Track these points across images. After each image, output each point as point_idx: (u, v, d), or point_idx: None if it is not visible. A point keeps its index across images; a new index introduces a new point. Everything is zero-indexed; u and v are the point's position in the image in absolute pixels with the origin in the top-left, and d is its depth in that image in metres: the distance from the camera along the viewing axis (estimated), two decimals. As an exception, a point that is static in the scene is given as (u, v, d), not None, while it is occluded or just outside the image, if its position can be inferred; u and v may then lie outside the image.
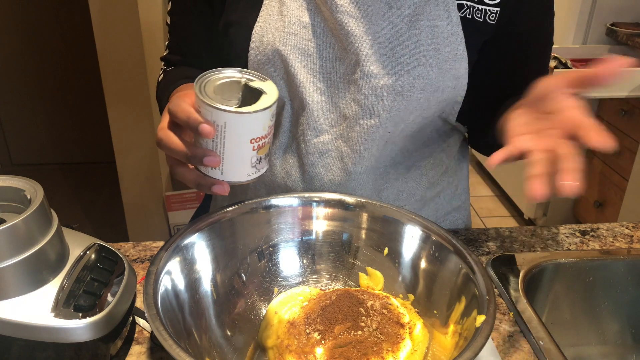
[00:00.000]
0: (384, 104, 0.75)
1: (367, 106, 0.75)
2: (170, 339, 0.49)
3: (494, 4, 0.76)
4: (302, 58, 0.75)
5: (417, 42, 0.74)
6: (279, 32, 0.74)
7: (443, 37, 0.74)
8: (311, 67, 0.75)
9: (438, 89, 0.76)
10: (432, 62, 0.74)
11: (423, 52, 0.74)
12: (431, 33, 0.74)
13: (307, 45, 0.75)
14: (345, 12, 0.72)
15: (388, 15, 0.73)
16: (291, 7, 0.74)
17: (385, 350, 0.59)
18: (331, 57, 0.75)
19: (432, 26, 0.74)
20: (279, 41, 0.74)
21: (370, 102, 0.75)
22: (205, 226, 0.66)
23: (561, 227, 0.95)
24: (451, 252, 0.64)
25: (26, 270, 0.53)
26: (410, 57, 0.74)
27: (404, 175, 0.84)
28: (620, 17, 2.32)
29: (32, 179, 0.59)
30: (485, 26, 0.76)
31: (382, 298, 0.67)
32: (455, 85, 0.77)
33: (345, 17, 0.72)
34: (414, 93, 0.75)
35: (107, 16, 1.87)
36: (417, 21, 0.73)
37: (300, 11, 0.74)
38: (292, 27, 0.74)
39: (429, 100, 0.76)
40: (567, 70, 0.59)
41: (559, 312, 0.86)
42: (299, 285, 0.71)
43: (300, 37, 0.74)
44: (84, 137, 3.08)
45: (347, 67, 0.75)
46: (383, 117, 0.76)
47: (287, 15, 0.74)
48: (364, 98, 0.74)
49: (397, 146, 0.82)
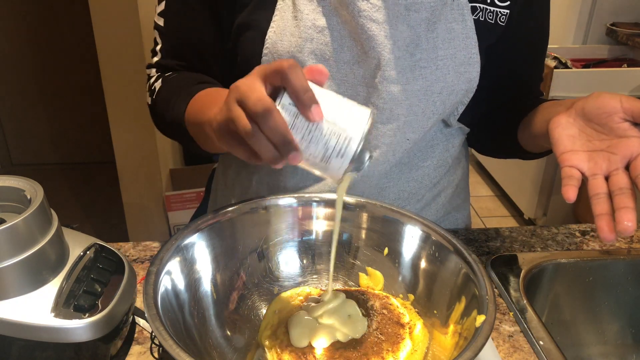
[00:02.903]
0: (402, 108, 0.75)
1: (385, 110, 0.75)
2: (170, 339, 0.49)
3: (504, 5, 0.76)
4: (319, 63, 0.73)
5: (434, 45, 0.74)
6: (295, 37, 0.73)
7: (459, 41, 0.74)
8: (328, 71, 0.74)
9: (453, 92, 0.76)
10: (449, 65, 0.74)
11: (441, 56, 0.74)
12: (448, 37, 0.74)
13: (323, 49, 0.73)
14: (367, 16, 0.70)
15: (406, 19, 0.72)
16: (305, 11, 0.72)
17: (385, 350, 0.59)
18: (349, 60, 0.74)
19: (448, 30, 0.74)
20: (295, 47, 0.73)
21: (389, 106, 0.74)
22: (205, 226, 0.66)
23: (561, 227, 0.95)
24: (451, 252, 0.64)
25: (26, 270, 0.53)
26: (428, 62, 0.74)
27: (406, 176, 0.84)
28: (620, 17, 2.32)
29: (32, 179, 0.59)
30: (496, 28, 0.77)
31: (382, 298, 0.67)
32: (467, 89, 0.77)
33: (367, 21, 0.71)
34: (432, 97, 0.75)
35: (107, 16, 1.87)
36: (435, 25, 0.73)
37: (315, 15, 0.73)
38: (308, 32, 0.73)
39: (444, 104, 0.77)
40: (632, 98, 0.61)
41: (559, 312, 0.86)
42: (299, 285, 0.71)
43: (316, 41, 0.73)
44: (84, 137, 3.08)
45: (365, 71, 0.74)
46: (401, 121, 0.76)
47: (302, 20, 0.73)
48: (383, 102, 0.74)
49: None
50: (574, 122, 0.63)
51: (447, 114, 0.81)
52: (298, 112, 0.50)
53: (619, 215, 0.53)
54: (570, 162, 0.60)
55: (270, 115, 0.49)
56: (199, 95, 0.71)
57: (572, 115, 0.63)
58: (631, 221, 0.52)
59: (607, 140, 0.60)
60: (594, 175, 0.58)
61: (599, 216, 0.55)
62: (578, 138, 0.62)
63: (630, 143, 0.58)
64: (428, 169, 0.85)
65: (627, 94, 2.01)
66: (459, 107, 0.81)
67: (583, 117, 0.63)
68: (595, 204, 0.56)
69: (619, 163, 0.58)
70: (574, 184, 0.58)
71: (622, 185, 0.56)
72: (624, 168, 0.57)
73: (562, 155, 0.61)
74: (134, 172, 2.13)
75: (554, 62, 2.07)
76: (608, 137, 0.60)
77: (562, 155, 0.61)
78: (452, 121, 0.83)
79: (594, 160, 0.59)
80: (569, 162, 0.60)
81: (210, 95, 0.70)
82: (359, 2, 0.70)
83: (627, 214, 0.53)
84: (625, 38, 2.21)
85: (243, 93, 0.50)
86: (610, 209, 0.55)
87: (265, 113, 0.48)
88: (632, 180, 0.56)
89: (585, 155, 0.60)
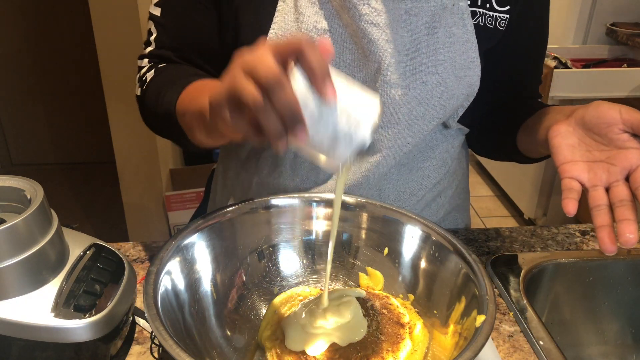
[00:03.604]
0: (403, 113, 0.75)
1: (385, 114, 0.75)
2: (170, 339, 0.49)
3: (504, 10, 0.76)
4: None
5: (434, 50, 0.74)
6: None
7: (459, 45, 0.74)
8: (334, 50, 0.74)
9: (453, 96, 0.76)
10: (449, 70, 0.75)
11: (441, 61, 0.74)
12: (448, 41, 0.74)
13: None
14: (368, 20, 0.71)
15: (407, 23, 0.72)
16: (307, 13, 0.72)
17: (385, 350, 0.59)
18: (349, 64, 0.74)
19: (448, 34, 0.74)
20: None
21: (390, 110, 0.74)
22: (205, 226, 0.66)
23: (561, 227, 0.95)
24: (451, 252, 0.64)
25: (26, 270, 0.53)
26: (428, 66, 0.74)
27: (406, 177, 0.84)
28: (620, 17, 2.32)
29: (32, 179, 0.59)
30: (495, 32, 0.77)
31: (382, 298, 0.67)
32: (468, 93, 0.78)
33: (368, 25, 0.71)
34: (432, 101, 0.75)
35: (107, 16, 1.87)
36: (435, 29, 0.73)
37: (317, 17, 0.72)
38: (309, 34, 0.72)
39: (445, 108, 0.77)
40: (631, 109, 0.61)
41: (559, 312, 0.86)
42: (299, 285, 0.71)
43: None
44: (84, 137, 3.08)
45: (366, 75, 0.74)
46: (401, 125, 0.76)
47: (303, 22, 0.72)
48: (384, 106, 0.74)
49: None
50: (573, 131, 0.63)
51: (447, 117, 0.81)
52: (310, 89, 0.47)
53: (621, 228, 0.54)
54: (570, 174, 0.60)
55: (283, 86, 0.46)
56: (194, 85, 0.68)
57: (572, 124, 0.64)
58: (633, 233, 0.53)
59: (606, 151, 0.61)
60: (594, 186, 0.59)
61: (600, 228, 0.55)
62: (578, 148, 0.62)
63: (629, 155, 0.59)
64: (428, 169, 0.86)
65: (627, 94, 2.01)
66: (459, 110, 0.81)
67: (583, 126, 0.63)
68: (596, 215, 0.57)
69: (618, 174, 0.58)
70: (574, 197, 0.58)
71: (622, 197, 0.56)
72: (624, 179, 0.58)
73: (562, 166, 0.61)
74: (134, 172, 2.13)
75: (554, 62, 2.07)
76: (607, 147, 0.61)
77: (562, 166, 0.61)
78: (451, 123, 0.83)
79: (594, 171, 0.60)
80: (569, 173, 0.60)
81: (206, 84, 0.66)
82: (360, 6, 0.70)
83: (629, 226, 0.54)
84: (625, 38, 2.21)
85: (252, 61, 0.46)
86: (611, 220, 0.56)
87: (277, 83, 0.45)
88: (632, 192, 0.57)
89: (585, 166, 0.60)
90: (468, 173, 0.98)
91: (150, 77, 0.77)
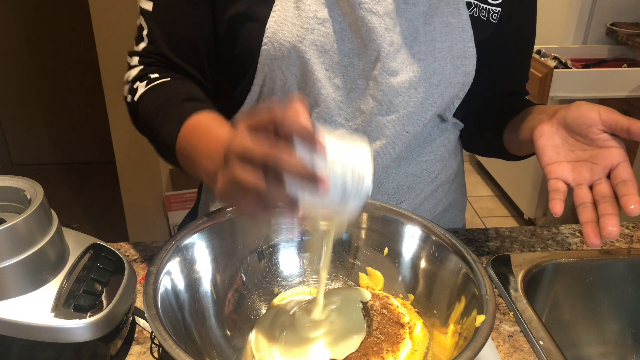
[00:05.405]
0: (401, 100, 0.76)
1: (384, 102, 0.76)
2: (170, 339, 0.49)
3: (496, 3, 0.79)
4: (319, 54, 0.74)
5: (432, 38, 0.75)
6: (296, 27, 0.73)
7: (455, 34, 0.76)
8: (328, 63, 0.75)
9: (450, 85, 0.78)
10: (446, 58, 0.76)
11: (438, 49, 0.76)
12: (445, 30, 0.76)
13: (324, 41, 0.74)
14: (367, 8, 0.71)
15: (405, 12, 0.74)
16: (307, 1, 0.73)
17: (385, 350, 0.59)
18: (349, 53, 0.75)
19: (445, 23, 0.76)
20: (296, 37, 0.73)
21: (389, 98, 0.75)
22: (205, 226, 0.66)
23: (561, 227, 0.95)
24: (451, 252, 0.64)
25: (26, 270, 0.53)
26: (426, 54, 0.75)
27: (405, 170, 0.85)
28: (620, 17, 2.32)
29: (32, 179, 0.59)
30: (488, 25, 0.79)
31: (382, 298, 0.67)
32: (464, 82, 0.79)
33: (367, 13, 0.72)
34: (430, 89, 0.77)
35: (107, 16, 1.87)
36: (431, 18, 0.75)
37: (317, 6, 0.73)
38: (309, 23, 0.73)
39: (442, 96, 0.78)
40: (610, 110, 0.64)
41: (559, 312, 0.86)
42: (299, 285, 0.71)
43: (317, 32, 0.73)
44: (84, 137, 3.07)
45: (365, 63, 0.75)
46: (400, 113, 0.77)
47: (303, 11, 0.73)
48: (382, 94, 0.75)
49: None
50: (556, 131, 0.66)
51: (444, 108, 0.83)
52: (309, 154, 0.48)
53: (604, 222, 0.58)
54: (556, 174, 0.63)
55: (279, 157, 0.47)
56: (192, 124, 0.67)
57: (555, 125, 0.67)
58: (615, 226, 0.57)
59: (588, 150, 0.64)
60: (579, 185, 0.62)
61: (585, 224, 0.59)
62: (562, 148, 0.66)
63: (610, 153, 0.62)
64: (426, 163, 0.87)
65: (627, 94, 2.01)
66: (455, 101, 0.83)
67: (565, 127, 0.66)
68: (582, 212, 0.60)
69: (601, 173, 0.62)
70: (560, 198, 0.61)
71: (605, 194, 0.60)
72: (606, 177, 0.62)
73: (548, 167, 0.65)
74: (134, 172, 2.13)
75: (554, 62, 2.07)
76: (589, 147, 0.64)
77: (548, 166, 0.65)
78: (447, 115, 0.84)
79: (578, 171, 0.63)
80: (554, 174, 0.64)
81: (203, 131, 0.66)
82: None
83: (611, 220, 0.57)
84: (625, 38, 2.20)
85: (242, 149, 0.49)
86: (595, 216, 0.59)
87: (274, 157, 0.47)
88: (613, 188, 0.60)
89: (569, 166, 0.64)
90: (463, 168, 0.99)
91: (143, 91, 0.76)
